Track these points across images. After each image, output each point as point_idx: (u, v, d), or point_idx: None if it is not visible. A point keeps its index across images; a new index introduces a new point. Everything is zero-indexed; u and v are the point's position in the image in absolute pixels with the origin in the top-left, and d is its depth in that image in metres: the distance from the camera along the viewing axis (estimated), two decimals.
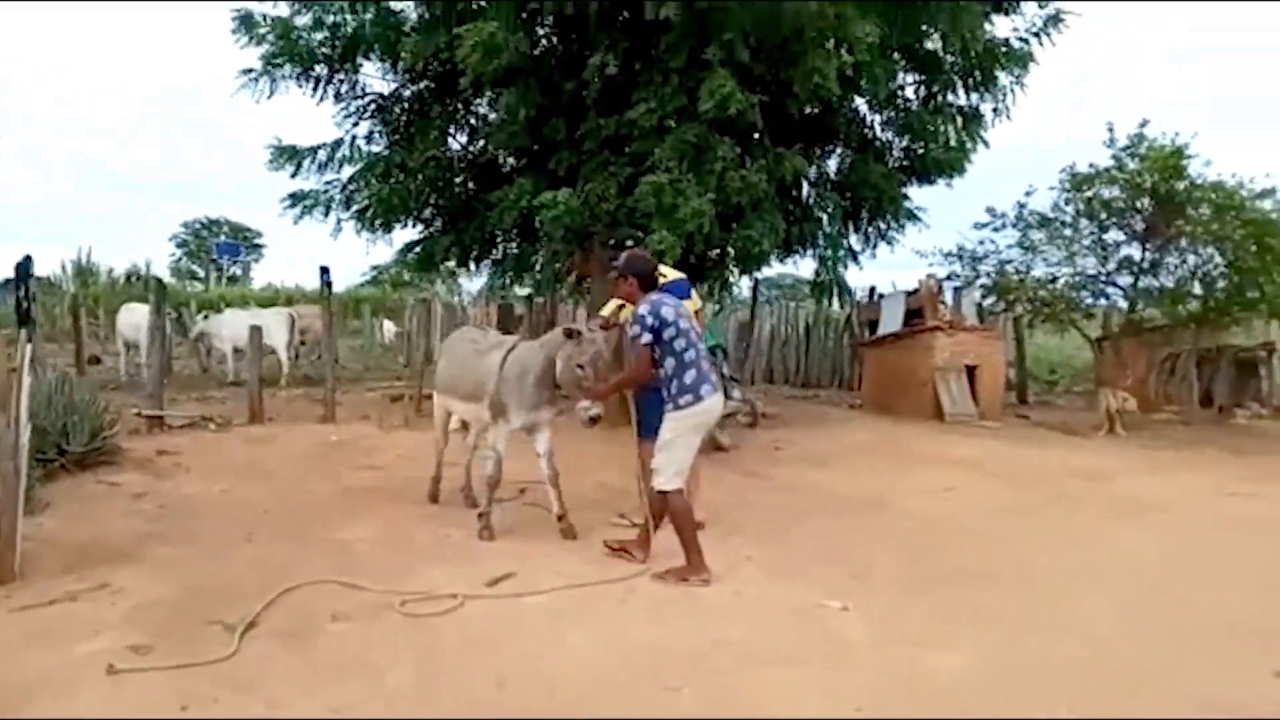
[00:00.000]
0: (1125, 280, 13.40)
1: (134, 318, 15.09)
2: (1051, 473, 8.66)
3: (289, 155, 10.59)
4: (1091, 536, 6.42)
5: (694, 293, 6.16)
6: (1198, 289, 12.80)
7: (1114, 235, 13.30)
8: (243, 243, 50.01)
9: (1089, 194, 12.99)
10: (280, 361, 14.83)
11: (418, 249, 11.40)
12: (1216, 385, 13.91)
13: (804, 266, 13.02)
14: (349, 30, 10.33)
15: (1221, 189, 12.01)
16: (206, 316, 16.65)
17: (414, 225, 11.28)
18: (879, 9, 8.92)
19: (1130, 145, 12.62)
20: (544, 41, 10.00)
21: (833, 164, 11.53)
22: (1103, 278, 13.56)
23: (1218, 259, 12.44)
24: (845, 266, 11.15)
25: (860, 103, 10.98)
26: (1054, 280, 13.47)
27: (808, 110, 9.64)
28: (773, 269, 13.41)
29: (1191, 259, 12.82)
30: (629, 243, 8.02)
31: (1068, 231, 13.34)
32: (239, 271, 46.77)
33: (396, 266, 37.70)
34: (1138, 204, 12.80)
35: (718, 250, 10.35)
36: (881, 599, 4.91)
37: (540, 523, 6.36)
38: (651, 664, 3.99)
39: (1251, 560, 5.83)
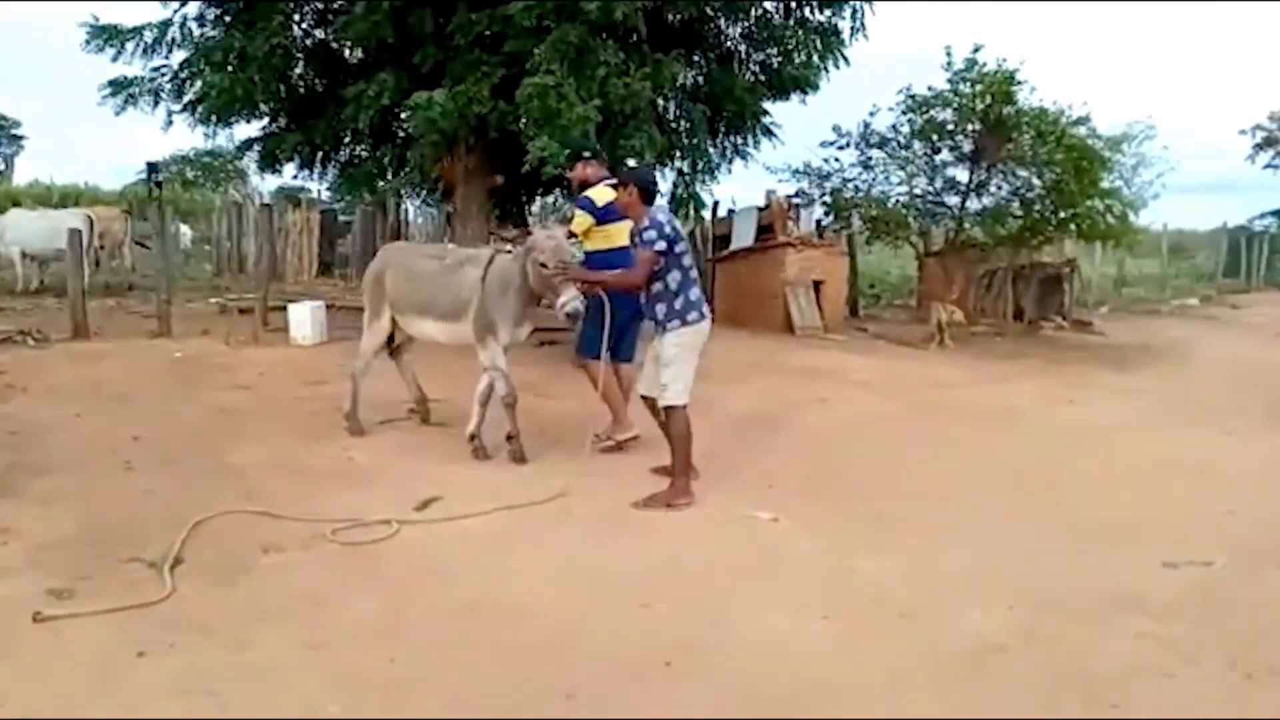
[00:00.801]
0: (953, 200, 14.20)
1: None
2: (908, 383, 9.21)
3: (109, 36, 9.34)
4: (965, 443, 6.90)
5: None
6: (1018, 209, 13.74)
7: (944, 156, 14.01)
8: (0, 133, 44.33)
9: (925, 116, 13.56)
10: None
11: (259, 146, 10.45)
12: (1026, 300, 15.14)
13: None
14: None
15: (1045, 115, 12.85)
16: None
17: (252, 119, 10.31)
18: None
19: (965, 69, 13.20)
20: None
21: (693, 75, 11.39)
22: (931, 197, 14.31)
23: (1035, 181, 13.39)
24: (704, 181, 11.17)
25: (720, 14, 10.86)
26: (888, 198, 14.10)
27: (682, 18, 9.45)
28: None
29: (1013, 181, 13.72)
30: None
31: (904, 152, 13.94)
32: (0, 165, 41.55)
33: (180, 165, 34.85)
34: (968, 127, 13.49)
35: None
36: (800, 508, 5.08)
37: (445, 441, 6.16)
38: (615, 582, 3.98)
39: (1108, 461, 6.45)
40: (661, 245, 4.92)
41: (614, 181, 5.73)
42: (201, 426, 6.31)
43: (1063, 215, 13.14)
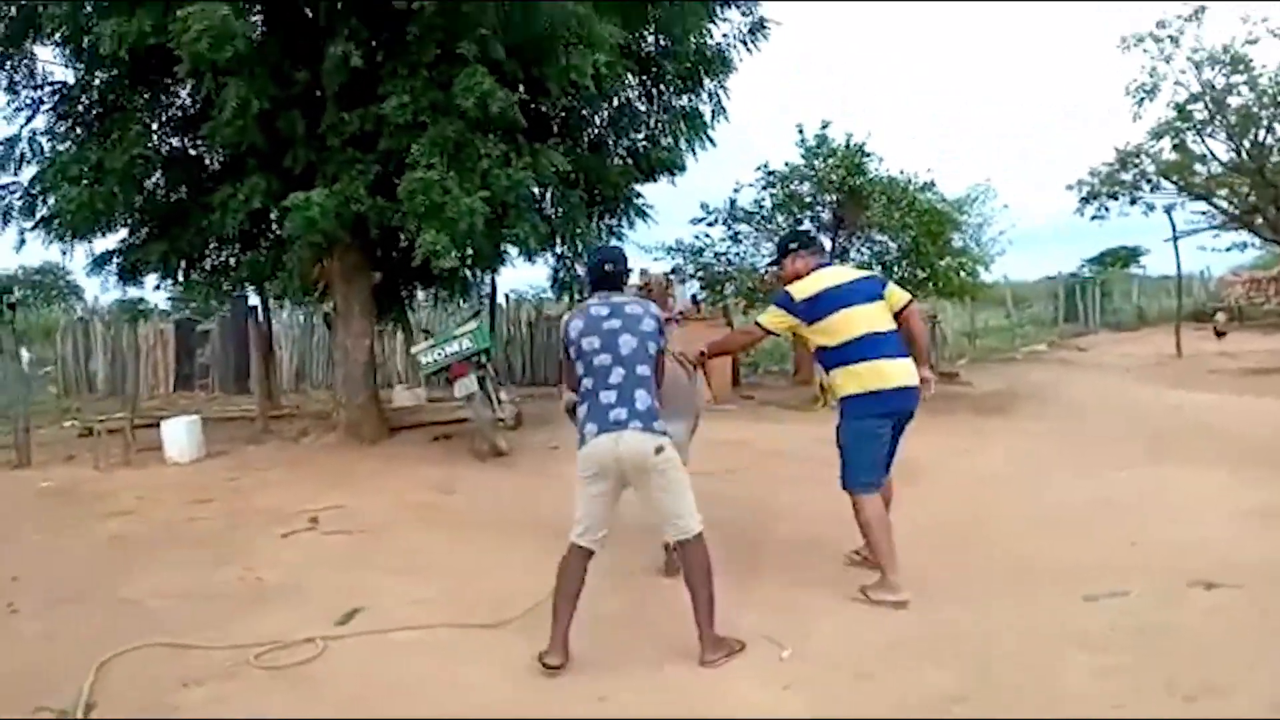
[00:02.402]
0: None
1: None
2: (808, 448, 9.36)
3: None
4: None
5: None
6: (879, 272, 14.46)
7: (808, 226, 14.67)
8: None
9: (786, 190, 14.23)
10: None
11: (122, 258, 9.98)
12: None
13: (540, 266, 13.00)
14: (17, 10, 8.81)
15: (894, 184, 13.68)
16: None
17: (111, 232, 9.85)
18: (616, 8, 9.13)
19: (816, 145, 13.97)
20: (266, 27, 9.12)
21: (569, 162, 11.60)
22: None
23: (892, 245, 14.16)
24: (585, 263, 11.30)
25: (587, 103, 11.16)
26: (760, 269, 14.61)
27: (559, 108, 9.66)
28: (517, 269, 13.24)
29: (874, 246, 14.48)
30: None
31: (769, 225, 14.53)
32: None
33: (4, 283, 32.83)
34: (825, 198, 14.21)
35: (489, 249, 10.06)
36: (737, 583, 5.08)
37: (353, 549, 5.92)
38: (567, 682, 3.84)
39: (1013, 506, 6.72)
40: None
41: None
42: (87, 559, 5.85)
43: (921, 275, 13.91)
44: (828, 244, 14.61)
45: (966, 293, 14.78)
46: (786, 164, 14.04)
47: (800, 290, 4.89)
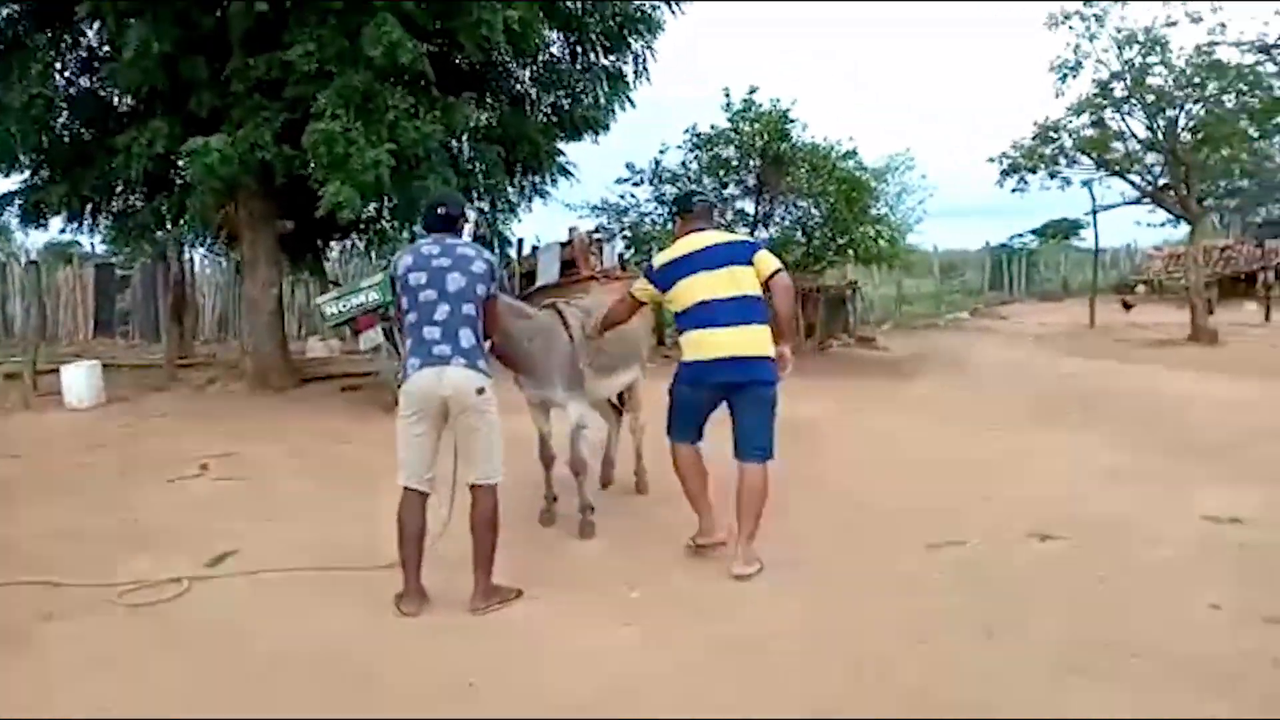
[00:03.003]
0: (742, 231, 15.02)
1: None
2: None
3: None
4: None
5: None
6: (800, 237, 14.72)
7: (732, 190, 14.84)
8: None
9: (710, 153, 14.34)
10: None
11: (24, 199, 9.79)
12: (815, 320, 16.14)
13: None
14: None
15: (817, 150, 13.88)
16: None
17: (15, 173, 9.66)
18: None
19: (743, 109, 14.08)
20: None
21: (485, 118, 11.60)
22: (724, 229, 15.07)
23: (814, 211, 14.41)
24: (505, 219, 11.38)
25: (510, 59, 11.15)
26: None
27: (471, 63, 9.65)
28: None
29: (794, 211, 14.71)
30: None
31: (694, 187, 14.63)
32: None
33: None
34: (750, 162, 14.37)
35: (381, 204, 10.09)
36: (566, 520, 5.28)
37: (237, 496, 6.00)
38: (432, 637, 3.97)
39: (886, 463, 7.03)
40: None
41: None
42: None
43: (840, 241, 14.19)
44: (750, 208, 14.84)
45: (884, 259, 15.12)
46: (712, 127, 14.14)
47: (660, 258, 4.87)
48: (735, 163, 14.35)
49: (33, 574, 4.46)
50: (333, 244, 12.76)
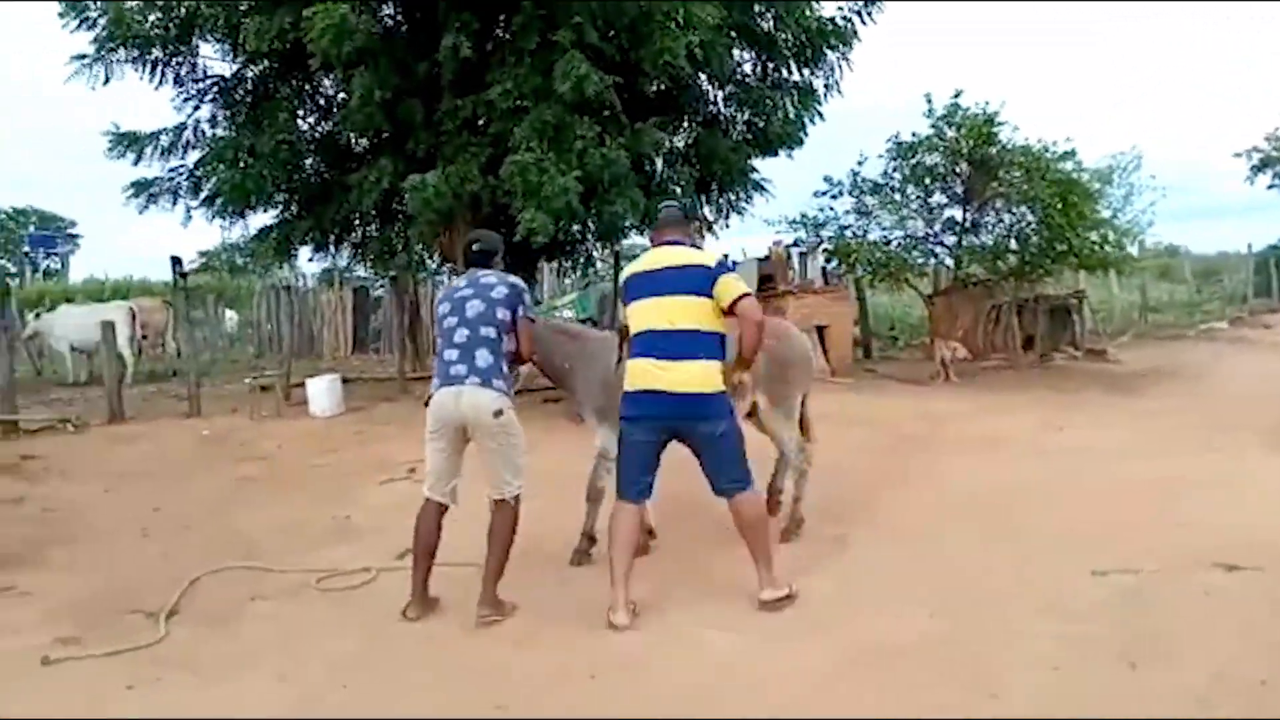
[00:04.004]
0: (951, 240, 14.54)
1: None
2: (900, 419, 9.48)
3: (129, 142, 10.21)
4: (938, 471, 7.18)
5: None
6: (1014, 245, 14.04)
7: (938, 198, 14.40)
8: (57, 233, 46.51)
9: (913, 161, 14.00)
10: (124, 357, 14.19)
11: (273, 234, 11.21)
12: (1036, 332, 15.31)
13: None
14: (183, 11, 10.03)
15: (1029, 152, 13.21)
16: (38, 315, 15.69)
17: (267, 209, 11.07)
18: None
19: (947, 114, 13.66)
20: (390, 21, 10.01)
21: (681, 140, 11.97)
22: (931, 238, 14.67)
23: (1030, 217, 13.70)
24: (701, 235, 11.67)
25: (704, 80, 11.47)
26: (888, 242, 14.46)
27: (659, 88, 10.04)
28: (629, 240, 13.80)
29: (1008, 218, 14.05)
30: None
31: (897, 196, 14.34)
32: (57, 265, 43.54)
33: (229, 252, 36.42)
34: (957, 169, 13.90)
35: (579, 227, 10.67)
36: None
37: None
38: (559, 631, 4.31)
39: (1067, 483, 6.66)
40: None
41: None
42: (218, 496, 6.84)
43: (1059, 248, 13.40)
44: (959, 215, 14.32)
45: (1110, 266, 14.11)
46: (914, 134, 13.81)
47: (627, 270, 4.56)
48: (941, 170, 13.93)
49: (255, 561, 5.20)
50: (541, 264, 13.57)
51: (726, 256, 16.66)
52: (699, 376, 4.15)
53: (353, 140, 11.00)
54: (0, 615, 4.39)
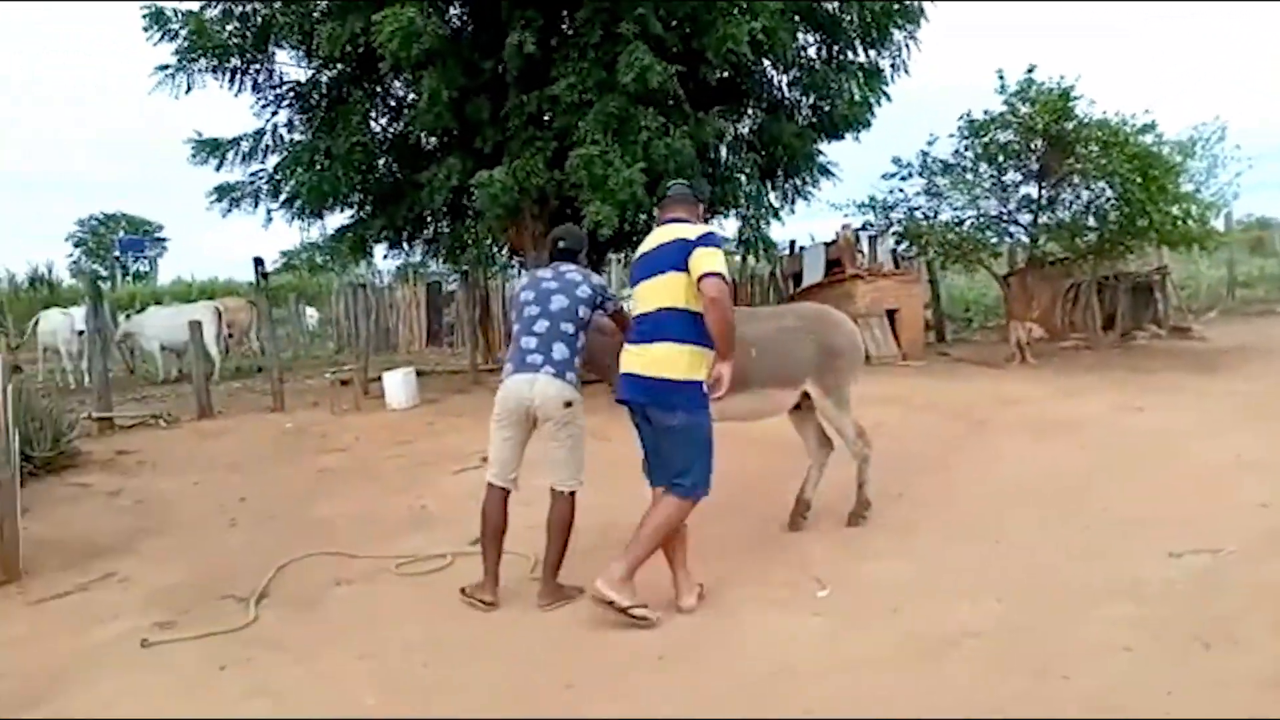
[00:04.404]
0: (1026, 218, 14.20)
1: (50, 324, 14.91)
2: (976, 402, 9.34)
3: (212, 148, 10.60)
4: (1010, 455, 7.08)
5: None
6: (1092, 222, 13.66)
7: (1012, 176, 14.06)
8: (145, 237, 48.43)
9: (985, 139, 13.69)
10: (211, 355, 14.75)
11: (349, 233, 11.53)
12: (1117, 311, 14.88)
13: (727, 225, 13.53)
14: (260, 19, 10.36)
15: (1107, 126, 12.82)
16: (129, 316, 16.40)
17: (343, 210, 11.40)
18: None
19: (1020, 90, 13.32)
20: (457, 22, 10.20)
21: (745, 126, 11.95)
22: (1005, 217, 14.35)
23: (1109, 192, 13.30)
24: (768, 223, 11.66)
25: (768, 65, 11.42)
26: (960, 223, 14.20)
27: (722, 75, 10.04)
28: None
29: (1085, 194, 13.67)
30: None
31: (969, 176, 14.05)
32: (145, 268, 45.33)
33: (309, 251, 37.48)
34: (1031, 145, 13.55)
35: (645, 217, 10.72)
36: (827, 521, 5.43)
37: None
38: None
39: (1145, 465, 6.51)
40: None
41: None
42: (299, 487, 7.11)
43: (1139, 224, 12.99)
44: (1034, 192, 13.98)
45: (1194, 241, 13.61)
46: (986, 112, 13.51)
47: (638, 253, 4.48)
48: (1015, 147, 13.61)
49: (336, 547, 5.41)
50: (609, 256, 13.68)
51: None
52: (661, 359, 4.03)
53: (423, 139, 11.24)
54: (102, 600, 4.66)
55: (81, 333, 13.36)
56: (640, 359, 4.09)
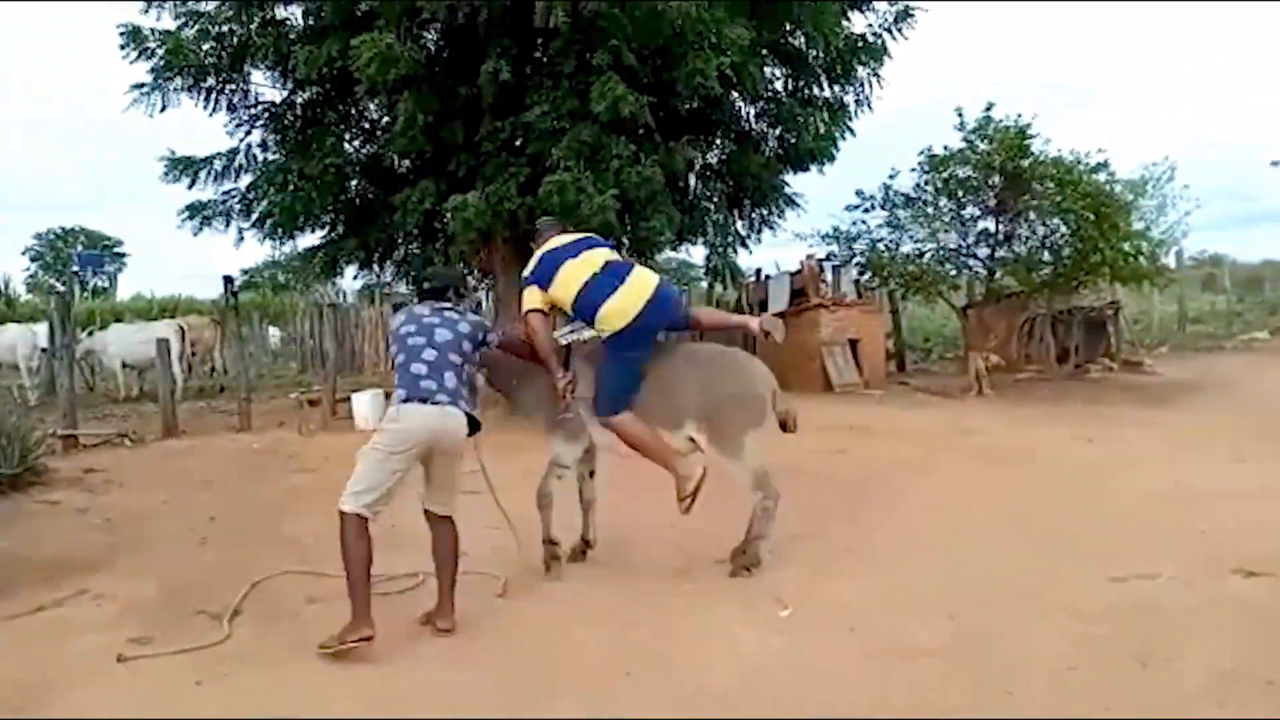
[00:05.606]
0: (984, 252, 14.64)
1: (7, 339, 14.74)
2: (934, 432, 9.61)
3: (184, 166, 10.65)
4: (965, 481, 7.33)
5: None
6: (1047, 256, 14.12)
7: (971, 210, 14.52)
8: (104, 252, 47.84)
9: (945, 174, 14.13)
10: (173, 374, 14.64)
11: (320, 253, 11.60)
12: (1072, 344, 15.31)
13: (694, 251, 13.78)
14: (236, 40, 10.46)
15: (1062, 164, 13.31)
16: (90, 333, 16.25)
17: (315, 230, 11.47)
18: (746, 10, 9.66)
19: (979, 127, 13.80)
20: (433, 47, 10.36)
21: (714, 156, 12.22)
22: (964, 250, 14.77)
23: (1063, 228, 13.76)
24: (734, 251, 11.92)
25: (736, 98, 11.70)
26: (921, 255, 14.59)
27: (692, 106, 10.30)
28: (663, 254, 14.06)
29: (1041, 229, 14.14)
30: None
31: (929, 209, 14.47)
32: (104, 283, 44.74)
33: (272, 270, 37.26)
34: (989, 181, 14.01)
35: (616, 241, 10.92)
36: (788, 544, 5.60)
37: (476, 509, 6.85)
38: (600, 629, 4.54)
39: (1092, 493, 6.77)
40: None
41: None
42: (268, 506, 7.15)
43: (1092, 259, 13.44)
44: (991, 227, 14.41)
45: (1144, 278, 14.11)
46: (945, 148, 13.95)
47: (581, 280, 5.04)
48: (973, 182, 14.05)
49: (308, 565, 5.47)
50: None
51: (760, 271, 16.88)
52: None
53: (396, 162, 11.37)
54: (75, 616, 4.69)
55: (44, 350, 13.25)
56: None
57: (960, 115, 13.77)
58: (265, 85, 11.12)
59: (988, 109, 13.74)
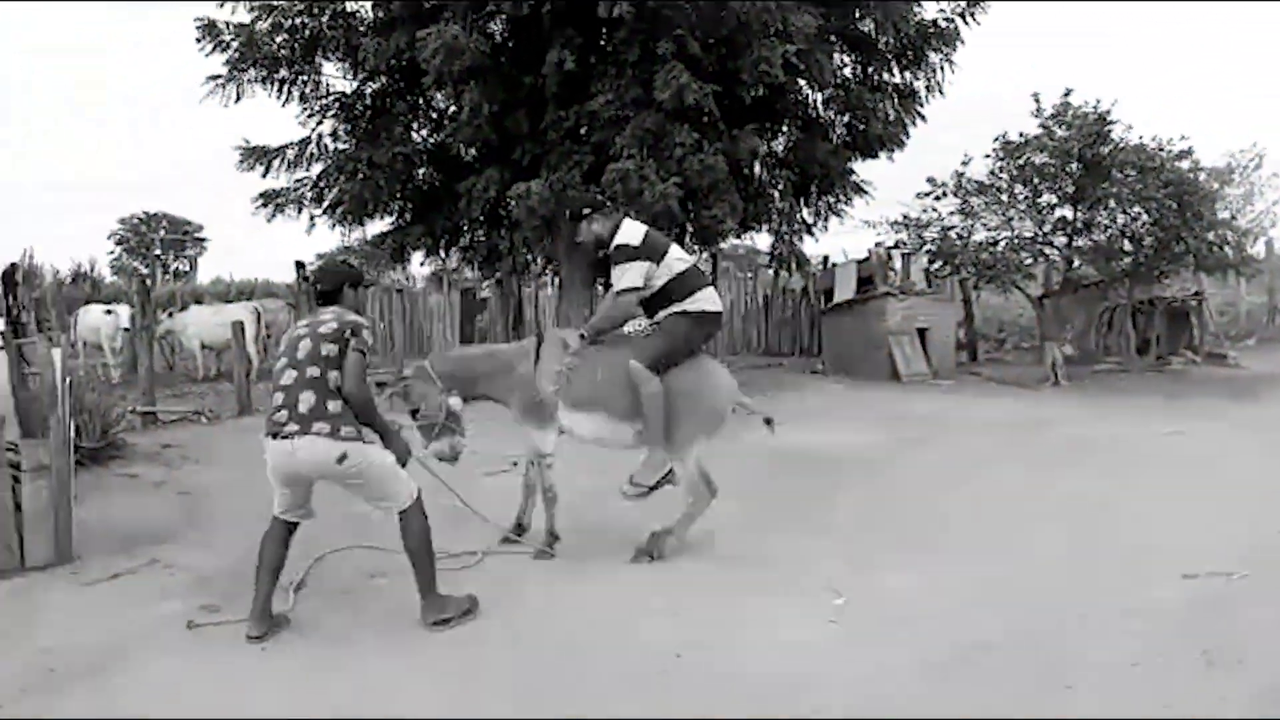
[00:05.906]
0: (1061, 240, 14.23)
1: (91, 320, 15.29)
2: (1002, 424, 9.40)
3: (258, 156, 10.94)
4: (1037, 474, 7.16)
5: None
6: (1127, 245, 13.67)
7: (1047, 198, 14.10)
8: (185, 237, 49.41)
9: (1021, 161, 13.75)
10: (249, 356, 15.05)
11: (390, 239, 11.82)
12: (1153, 335, 14.83)
13: (759, 238, 13.70)
14: (308, 33, 10.69)
15: (1143, 151, 12.86)
16: (171, 314, 16.78)
17: (384, 217, 11.70)
18: None
19: (1057, 113, 13.39)
20: (499, 38, 10.46)
21: (780, 144, 12.12)
22: (1040, 239, 14.38)
23: (1144, 217, 13.31)
24: (800, 239, 11.81)
25: (803, 84, 11.57)
26: (995, 243, 14.24)
27: (757, 94, 10.21)
28: (727, 241, 13.98)
29: (1120, 217, 13.69)
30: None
31: (1004, 197, 14.10)
32: (185, 267, 46.22)
33: (344, 256, 38.07)
34: (1067, 168, 13.59)
35: (678, 229, 10.91)
36: (852, 537, 5.55)
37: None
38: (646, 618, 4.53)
39: (1172, 488, 6.57)
40: None
41: None
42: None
43: (1175, 249, 12.99)
44: (1069, 215, 13.99)
45: (1230, 267, 13.58)
46: (1021, 134, 13.57)
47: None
48: (1050, 169, 13.65)
49: (372, 542, 5.60)
50: None
51: (827, 259, 16.67)
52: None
53: (462, 151, 11.51)
54: (149, 584, 4.89)
55: (127, 330, 13.74)
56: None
57: (1037, 101, 13.38)
58: (336, 76, 11.40)
59: (1066, 94, 13.33)
